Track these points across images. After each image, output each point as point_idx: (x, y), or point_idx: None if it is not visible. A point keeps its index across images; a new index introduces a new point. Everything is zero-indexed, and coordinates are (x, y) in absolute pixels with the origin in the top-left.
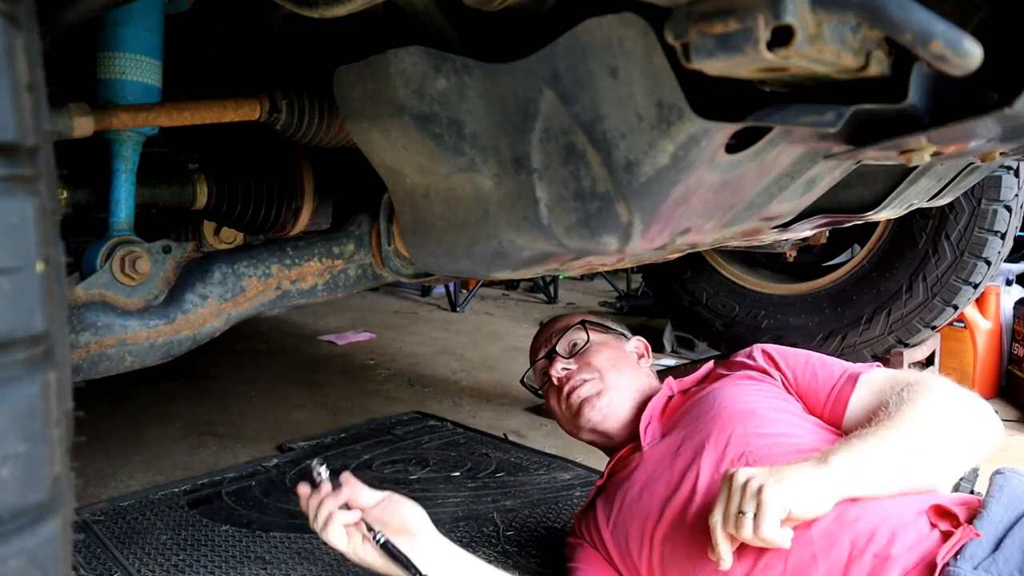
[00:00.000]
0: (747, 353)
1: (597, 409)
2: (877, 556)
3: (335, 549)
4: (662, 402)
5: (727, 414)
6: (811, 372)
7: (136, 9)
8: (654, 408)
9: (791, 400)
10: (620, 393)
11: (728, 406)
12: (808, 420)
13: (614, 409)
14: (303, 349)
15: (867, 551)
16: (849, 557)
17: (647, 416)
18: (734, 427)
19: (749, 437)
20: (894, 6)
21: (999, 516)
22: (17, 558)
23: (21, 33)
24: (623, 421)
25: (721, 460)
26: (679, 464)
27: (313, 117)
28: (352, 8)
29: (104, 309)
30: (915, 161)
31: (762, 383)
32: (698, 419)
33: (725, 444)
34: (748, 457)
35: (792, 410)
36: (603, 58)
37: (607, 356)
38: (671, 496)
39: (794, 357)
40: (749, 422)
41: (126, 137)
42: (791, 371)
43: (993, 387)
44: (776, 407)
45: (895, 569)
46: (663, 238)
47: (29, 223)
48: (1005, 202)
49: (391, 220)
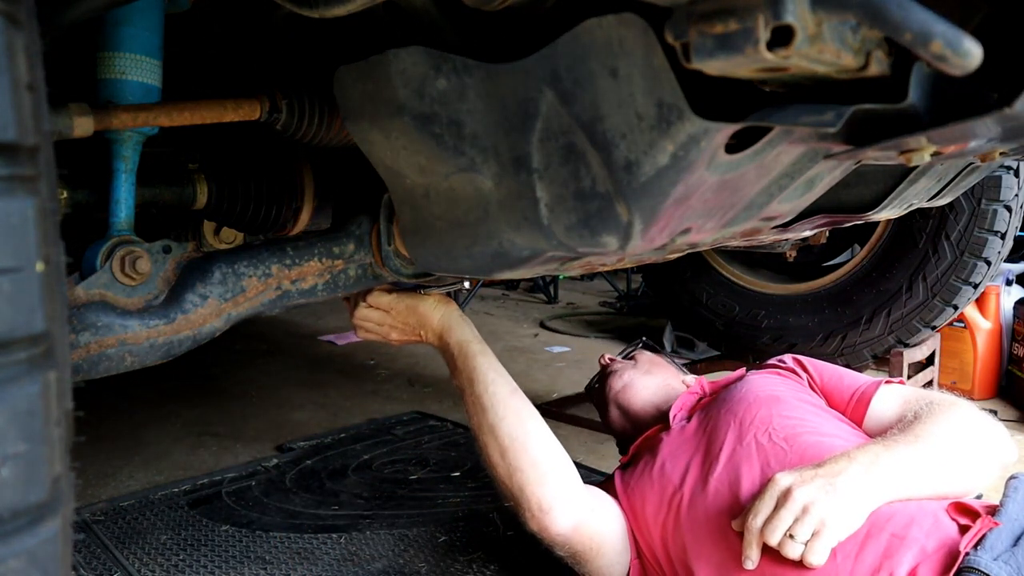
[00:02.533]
0: (778, 359)
1: (621, 379)
2: (895, 535)
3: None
4: (694, 397)
5: (753, 397)
6: (837, 375)
7: (136, 9)
8: (685, 400)
9: (816, 396)
10: (647, 378)
11: (755, 391)
12: (830, 412)
13: (637, 385)
14: (303, 349)
15: (885, 530)
16: (867, 535)
17: (678, 404)
18: (759, 408)
19: (773, 418)
20: (894, 6)
21: (1016, 514)
22: (17, 558)
23: (21, 33)
24: (646, 401)
25: (743, 436)
26: (704, 440)
27: (313, 117)
28: (352, 8)
29: (104, 309)
30: (915, 161)
31: (788, 379)
32: (725, 402)
33: (750, 422)
34: (772, 435)
35: (815, 402)
36: (603, 58)
37: (651, 359)
38: (692, 467)
39: (821, 363)
40: (774, 406)
41: (126, 137)
42: (818, 374)
43: (993, 387)
44: (800, 397)
45: (911, 549)
46: (663, 238)
47: (29, 223)
48: (1005, 202)
49: (391, 220)
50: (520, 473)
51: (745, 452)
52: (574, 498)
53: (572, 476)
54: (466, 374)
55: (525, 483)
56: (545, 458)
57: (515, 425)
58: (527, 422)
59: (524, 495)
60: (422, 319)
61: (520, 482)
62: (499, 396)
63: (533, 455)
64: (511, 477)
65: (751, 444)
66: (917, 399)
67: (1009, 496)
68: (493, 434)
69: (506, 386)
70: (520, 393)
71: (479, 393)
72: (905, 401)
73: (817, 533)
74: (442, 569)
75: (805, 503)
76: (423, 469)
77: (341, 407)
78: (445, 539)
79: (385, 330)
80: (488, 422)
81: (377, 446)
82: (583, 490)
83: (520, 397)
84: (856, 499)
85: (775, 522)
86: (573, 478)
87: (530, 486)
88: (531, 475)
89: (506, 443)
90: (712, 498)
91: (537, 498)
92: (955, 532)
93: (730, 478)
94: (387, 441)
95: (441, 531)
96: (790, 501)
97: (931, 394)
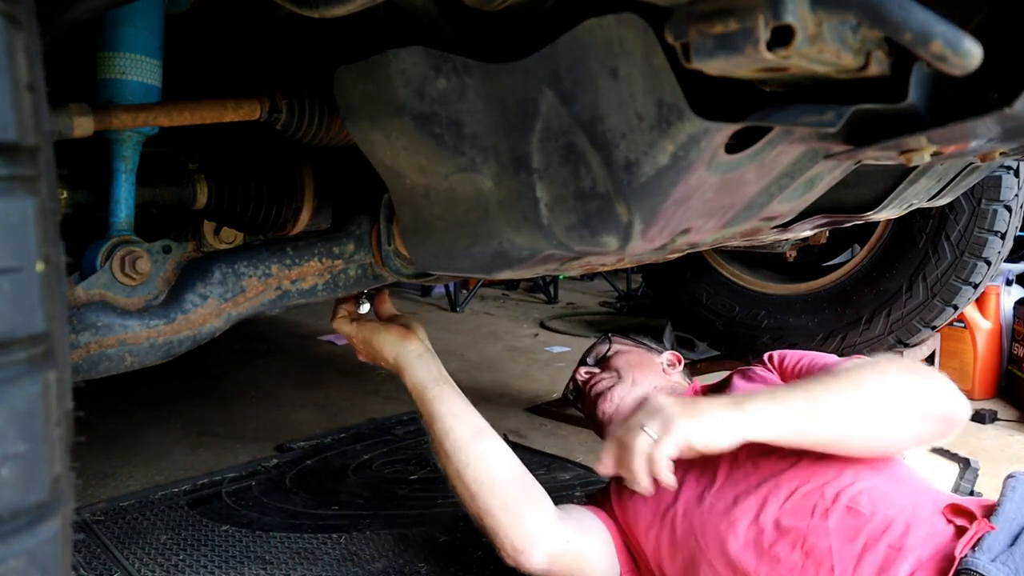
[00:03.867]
0: (767, 357)
1: (611, 402)
2: (891, 547)
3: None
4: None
5: None
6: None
7: (136, 9)
8: None
9: None
10: (636, 389)
11: None
12: None
13: (628, 403)
14: (303, 349)
15: (881, 541)
16: (864, 547)
17: None
18: None
19: None
20: (894, 6)
21: (1014, 514)
22: (17, 558)
23: (21, 33)
24: None
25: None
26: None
27: (313, 117)
28: (352, 8)
29: (104, 309)
30: (915, 161)
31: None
32: None
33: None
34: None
35: None
36: (603, 58)
37: (627, 359)
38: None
39: (794, 355)
40: None
41: (126, 137)
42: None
43: (993, 387)
44: None
45: (908, 559)
46: (663, 238)
47: (29, 223)
48: (1005, 202)
49: (391, 220)
50: (490, 516)
51: (742, 470)
52: (547, 534)
53: (544, 511)
54: (425, 418)
55: (497, 526)
56: (513, 499)
57: (480, 470)
58: (492, 466)
59: (497, 537)
60: (378, 354)
61: (491, 525)
62: (460, 443)
63: (501, 498)
64: (482, 519)
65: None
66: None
67: (1007, 496)
68: (459, 479)
69: (467, 429)
70: (484, 433)
71: (440, 439)
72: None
73: (668, 429)
74: (442, 569)
75: (663, 403)
76: (423, 469)
77: (341, 407)
78: (445, 539)
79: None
80: (452, 468)
81: (377, 446)
82: (557, 521)
83: (483, 438)
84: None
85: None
86: (545, 513)
87: (502, 528)
88: (501, 518)
89: (473, 489)
90: (707, 514)
91: (510, 539)
92: (951, 536)
93: (725, 493)
94: (387, 441)
95: (441, 531)
96: (649, 402)
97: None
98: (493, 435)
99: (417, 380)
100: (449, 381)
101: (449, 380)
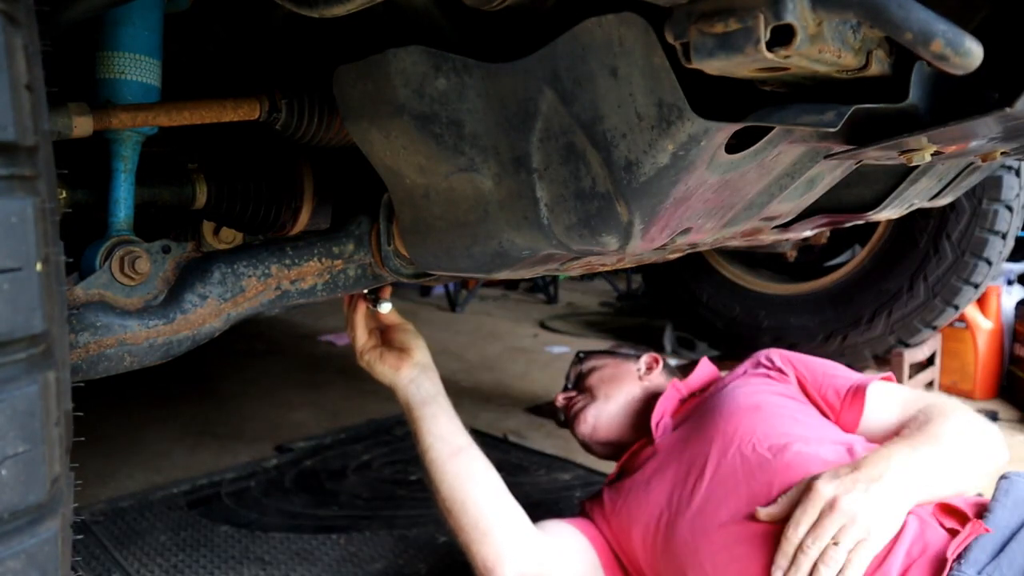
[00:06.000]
0: (765, 355)
1: (586, 423)
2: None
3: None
4: (673, 402)
5: (736, 406)
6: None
7: (136, 8)
8: (664, 407)
9: (802, 399)
10: (609, 404)
11: (739, 400)
12: (815, 414)
13: (603, 419)
14: (303, 349)
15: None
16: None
17: (658, 413)
18: (743, 418)
19: (757, 428)
20: (894, 6)
21: (1005, 520)
22: (16, 558)
23: (21, 33)
24: (620, 426)
25: (727, 449)
26: (688, 454)
27: (313, 117)
28: (351, 8)
29: (103, 309)
30: (916, 161)
31: (777, 383)
32: (709, 413)
33: (732, 433)
34: (756, 446)
35: (800, 407)
36: (603, 58)
37: (600, 376)
38: (679, 485)
39: (810, 360)
40: (757, 415)
41: (125, 137)
42: (808, 372)
43: (994, 387)
44: (782, 403)
45: (896, 560)
46: (663, 238)
47: (29, 223)
48: (1006, 202)
49: (391, 220)
50: (463, 533)
51: (730, 467)
52: (519, 554)
53: (518, 531)
54: (412, 436)
55: (469, 543)
56: (485, 518)
57: (454, 488)
58: (466, 484)
59: (470, 553)
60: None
61: (464, 541)
62: (437, 462)
63: (473, 516)
64: (457, 536)
65: (735, 457)
66: (914, 400)
67: (998, 500)
68: (437, 496)
69: (445, 448)
70: (464, 452)
71: (421, 457)
72: (904, 402)
73: (862, 541)
74: (442, 569)
75: (853, 512)
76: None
77: (340, 407)
78: (445, 539)
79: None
80: (432, 485)
81: (377, 446)
82: (532, 542)
83: (461, 458)
84: (896, 503)
85: (819, 531)
86: (519, 533)
87: (473, 545)
88: (473, 535)
89: (447, 505)
90: (698, 517)
91: (481, 557)
92: (942, 538)
93: (715, 494)
94: (387, 441)
95: (441, 531)
96: (836, 511)
97: (923, 394)
98: (473, 455)
99: (405, 401)
100: (438, 399)
101: (439, 397)
